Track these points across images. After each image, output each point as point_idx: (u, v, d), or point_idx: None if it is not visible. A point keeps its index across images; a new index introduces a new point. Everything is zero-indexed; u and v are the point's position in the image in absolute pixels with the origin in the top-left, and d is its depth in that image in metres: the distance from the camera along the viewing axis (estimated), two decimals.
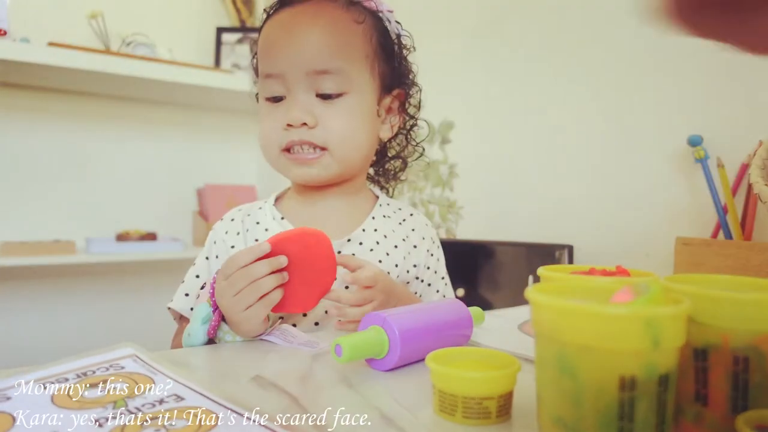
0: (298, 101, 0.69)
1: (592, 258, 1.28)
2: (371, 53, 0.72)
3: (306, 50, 0.67)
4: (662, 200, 1.18)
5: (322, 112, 0.69)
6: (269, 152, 0.72)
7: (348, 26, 0.70)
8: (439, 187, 1.70)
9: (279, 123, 0.69)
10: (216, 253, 0.73)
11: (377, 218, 0.77)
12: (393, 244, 0.75)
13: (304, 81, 0.68)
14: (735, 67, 1.07)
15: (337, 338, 0.46)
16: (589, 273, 0.42)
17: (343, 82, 0.69)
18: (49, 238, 1.71)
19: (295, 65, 0.68)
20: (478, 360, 0.42)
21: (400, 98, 0.79)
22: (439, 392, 0.39)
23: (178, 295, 0.72)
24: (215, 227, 0.76)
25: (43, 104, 1.75)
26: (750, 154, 1.01)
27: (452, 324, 0.55)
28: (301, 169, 0.70)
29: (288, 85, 0.69)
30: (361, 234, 0.74)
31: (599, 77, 1.30)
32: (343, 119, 0.69)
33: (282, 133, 0.69)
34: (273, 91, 0.70)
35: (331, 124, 0.69)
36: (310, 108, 0.68)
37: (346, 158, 0.71)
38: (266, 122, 0.72)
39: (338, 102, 0.69)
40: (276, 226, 0.73)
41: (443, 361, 0.40)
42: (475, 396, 0.37)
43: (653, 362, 0.28)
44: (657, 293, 0.29)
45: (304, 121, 0.68)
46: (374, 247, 0.73)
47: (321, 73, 0.68)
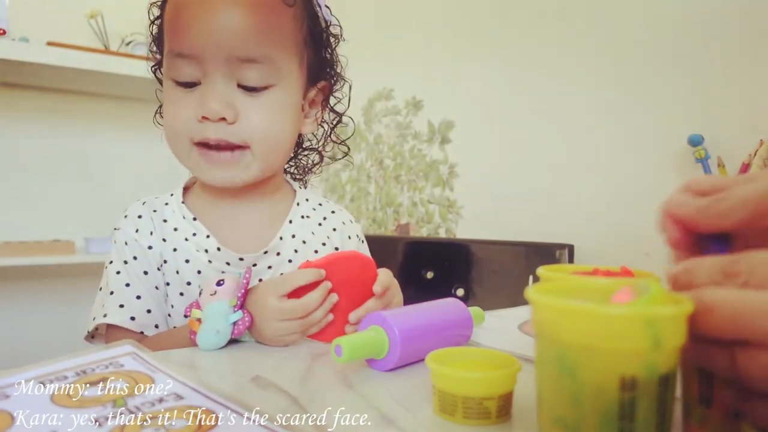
0: (217, 91, 0.59)
1: (592, 258, 1.28)
2: (301, 41, 0.64)
3: (228, 32, 0.58)
4: (662, 200, 1.18)
5: (243, 104, 0.60)
6: (178, 145, 0.63)
7: (278, 8, 0.61)
8: (439, 187, 1.70)
9: (191, 113, 0.60)
10: (132, 255, 0.65)
11: (294, 221, 0.71)
12: (313, 249, 0.71)
13: (224, 67, 0.59)
14: (735, 67, 1.07)
15: (337, 338, 0.46)
16: (593, 273, 0.42)
17: (270, 74, 0.61)
18: (49, 238, 1.71)
19: (215, 48, 0.58)
20: (478, 360, 0.42)
21: (324, 91, 0.72)
22: (439, 392, 0.39)
23: (111, 308, 0.63)
24: (120, 226, 0.67)
25: (43, 104, 1.74)
26: (750, 153, 1.01)
27: (452, 324, 0.55)
28: (217, 171, 0.62)
29: (204, 68, 0.59)
30: (279, 243, 0.68)
31: (599, 77, 1.30)
32: (268, 115, 0.61)
33: (195, 126, 0.60)
34: (184, 74, 0.60)
35: (254, 120, 0.61)
36: (231, 99, 0.60)
37: (268, 158, 0.64)
38: (175, 110, 0.62)
39: (263, 95, 0.61)
40: (187, 227, 0.66)
41: (443, 361, 0.40)
42: (475, 396, 0.37)
43: (654, 362, 0.28)
44: (657, 293, 0.29)
45: (223, 116, 0.59)
46: (293, 257, 0.69)
47: (245, 62, 0.59)
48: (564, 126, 1.37)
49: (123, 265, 0.66)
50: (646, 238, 1.20)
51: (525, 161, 1.46)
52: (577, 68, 1.34)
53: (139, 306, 0.64)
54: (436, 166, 1.70)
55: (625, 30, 1.25)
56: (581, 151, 1.33)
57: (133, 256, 0.66)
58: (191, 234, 0.66)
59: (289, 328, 0.54)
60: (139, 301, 0.64)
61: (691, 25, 1.14)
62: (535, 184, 1.43)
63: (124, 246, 0.66)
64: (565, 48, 1.37)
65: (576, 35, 1.34)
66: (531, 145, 1.45)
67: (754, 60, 1.05)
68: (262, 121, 0.61)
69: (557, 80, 1.38)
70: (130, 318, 0.63)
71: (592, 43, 1.31)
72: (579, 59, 1.34)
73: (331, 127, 0.77)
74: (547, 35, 1.41)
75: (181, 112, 0.61)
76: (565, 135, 1.37)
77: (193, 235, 0.66)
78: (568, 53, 1.36)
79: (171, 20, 0.61)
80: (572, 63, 1.35)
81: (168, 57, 0.62)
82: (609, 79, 1.28)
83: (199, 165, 0.63)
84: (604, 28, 1.29)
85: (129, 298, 0.64)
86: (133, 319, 0.63)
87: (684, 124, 1.13)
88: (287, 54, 0.63)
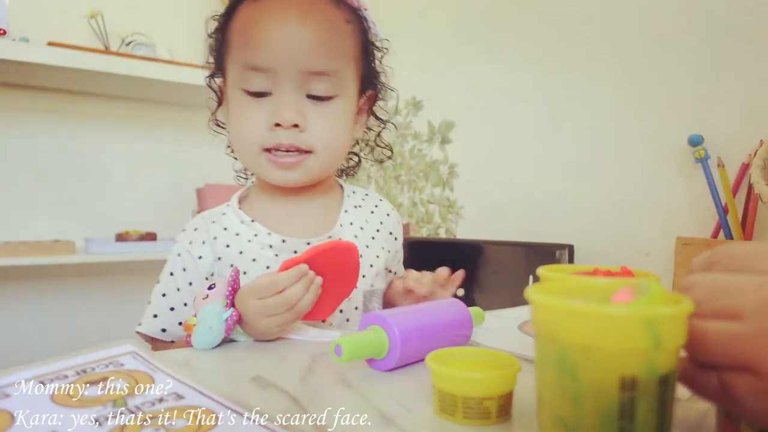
0: (289, 101, 0.65)
1: (592, 258, 1.28)
2: (358, 54, 0.71)
3: (302, 47, 0.64)
4: (662, 200, 1.18)
5: (311, 113, 0.66)
6: (247, 152, 0.68)
7: (340, 26, 0.68)
8: (439, 187, 1.70)
9: (263, 121, 0.66)
10: (182, 266, 0.70)
11: (350, 211, 0.76)
12: (370, 236, 0.75)
13: (296, 79, 0.65)
14: (735, 67, 1.07)
15: (337, 338, 0.46)
16: (593, 273, 0.42)
17: (335, 85, 0.67)
18: (49, 238, 1.71)
19: (289, 62, 0.64)
20: (478, 360, 0.42)
21: (371, 99, 0.78)
22: (439, 392, 0.39)
23: (146, 318, 0.69)
24: (178, 239, 0.73)
25: (43, 104, 1.74)
26: (750, 153, 1.01)
27: (452, 324, 0.55)
28: (283, 172, 0.68)
29: (277, 80, 0.65)
30: (339, 230, 0.73)
31: (599, 77, 1.30)
32: (331, 123, 0.67)
33: (266, 133, 0.66)
34: (258, 85, 0.66)
35: (319, 128, 0.66)
36: (301, 109, 0.66)
37: (330, 162, 0.70)
38: (247, 119, 0.67)
39: (328, 105, 0.67)
40: (247, 230, 0.71)
41: (443, 361, 0.40)
42: (475, 396, 0.37)
43: (654, 362, 0.28)
44: (657, 293, 0.29)
45: (296, 123, 0.65)
46: (354, 241, 0.72)
47: (315, 74, 0.65)
48: (564, 126, 1.37)
49: (168, 276, 0.70)
50: (646, 238, 1.20)
51: (525, 161, 1.46)
52: (578, 68, 1.34)
53: (172, 317, 0.68)
54: (436, 166, 1.70)
55: (625, 30, 1.25)
56: (581, 151, 1.34)
57: (183, 268, 0.70)
58: (252, 235, 0.70)
59: (278, 321, 0.56)
60: (173, 312, 0.68)
61: (691, 25, 1.14)
62: (535, 184, 1.43)
63: (176, 257, 0.71)
64: (565, 48, 1.37)
65: (576, 36, 1.34)
66: (531, 145, 1.45)
67: (754, 60, 1.05)
68: (326, 129, 0.67)
69: (557, 80, 1.38)
70: (161, 330, 0.68)
71: (592, 44, 1.31)
72: (579, 59, 1.34)
73: (376, 133, 0.82)
74: (547, 36, 1.41)
75: (252, 121, 0.66)
76: (566, 135, 1.37)
77: (254, 236, 0.70)
78: (568, 53, 1.36)
79: (243, 36, 0.66)
80: (572, 63, 1.35)
81: (240, 69, 0.67)
82: (609, 79, 1.28)
83: (266, 168, 0.68)
84: (604, 28, 1.29)
85: (163, 310, 0.69)
86: (164, 331, 0.68)
87: (684, 124, 1.13)
88: (347, 66, 0.69)
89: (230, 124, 0.71)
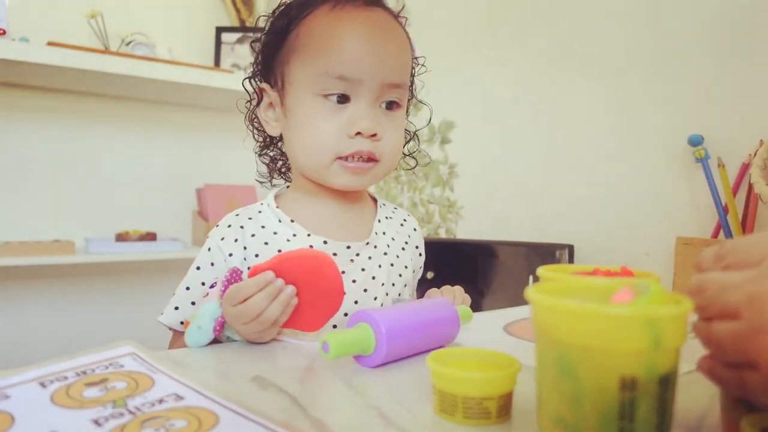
0: (369, 111, 0.67)
1: (592, 258, 1.28)
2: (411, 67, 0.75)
3: (389, 62, 0.67)
4: (662, 200, 1.18)
5: (384, 123, 0.68)
6: (321, 157, 0.68)
7: (407, 40, 0.72)
8: (439, 187, 1.70)
9: (342, 129, 0.66)
10: (211, 261, 0.70)
11: (382, 221, 0.77)
12: (400, 246, 0.77)
13: (377, 90, 0.67)
14: (735, 67, 1.07)
15: (326, 335, 0.47)
16: (593, 273, 0.42)
17: (403, 96, 0.71)
18: (49, 238, 1.71)
19: (377, 75, 0.66)
20: (479, 360, 0.43)
21: None
22: (439, 392, 0.39)
23: (168, 309, 0.70)
24: (211, 234, 0.73)
25: (43, 104, 1.74)
26: (750, 153, 1.01)
27: (438, 322, 0.56)
28: (352, 177, 0.69)
29: (357, 90, 0.66)
30: (375, 238, 0.74)
31: (599, 77, 1.30)
32: (397, 132, 0.71)
33: (344, 140, 0.66)
34: (339, 89, 0.66)
35: (389, 137, 0.69)
36: (379, 119, 0.68)
37: (389, 169, 0.72)
38: (325, 125, 0.67)
39: (395, 114, 0.70)
40: (285, 229, 0.71)
41: (443, 361, 0.40)
42: (476, 396, 0.37)
43: (654, 362, 0.28)
44: (657, 293, 0.29)
45: (375, 132, 0.66)
46: (387, 250, 0.74)
47: (393, 87, 0.68)
48: (564, 126, 1.37)
49: (194, 270, 0.70)
50: (647, 238, 1.20)
51: (525, 161, 1.46)
52: (578, 68, 1.34)
53: (193, 311, 0.68)
54: (436, 166, 1.70)
55: (625, 30, 1.25)
56: (581, 151, 1.34)
57: (211, 263, 0.70)
58: (291, 235, 0.70)
59: (252, 328, 0.56)
60: (193, 307, 0.68)
61: (691, 25, 1.14)
62: (535, 184, 1.43)
63: (207, 252, 0.71)
64: (565, 48, 1.37)
65: (576, 35, 1.34)
66: (531, 145, 1.45)
67: (754, 60, 1.05)
68: (393, 138, 0.70)
69: (557, 80, 1.38)
70: (180, 322, 0.68)
71: (592, 44, 1.31)
72: (579, 59, 1.34)
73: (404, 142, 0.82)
74: (547, 35, 1.41)
75: (332, 127, 0.67)
76: (566, 135, 1.37)
77: (293, 236, 0.70)
78: (568, 53, 1.36)
79: (324, 44, 0.67)
80: (572, 63, 1.35)
81: (319, 76, 0.67)
82: (609, 79, 1.28)
83: (337, 173, 0.68)
84: (604, 28, 1.29)
85: (184, 302, 0.69)
86: (183, 323, 0.68)
87: (684, 124, 1.13)
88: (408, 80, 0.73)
89: (297, 128, 0.70)
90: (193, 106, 1.98)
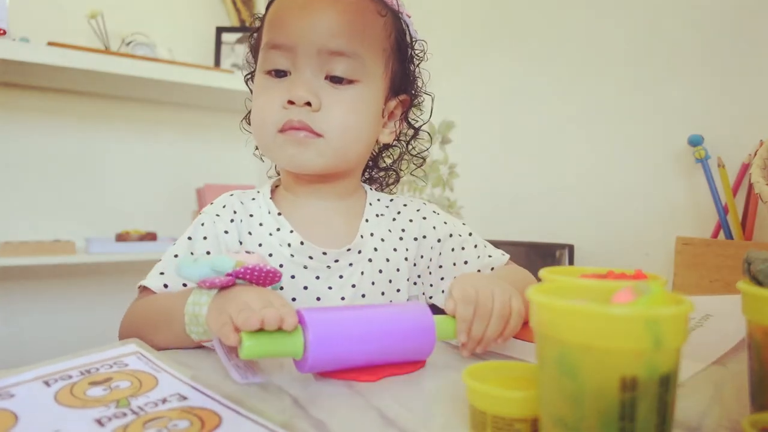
0: (305, 79, 0.63)
1: (592, 258, 1.28)
2: (388, 48, 0.69)
3: (323, 25, 0.63)
4: (662, 200, 1.18)
5: (327, 96, 0.64)
6: (263, 132, 0.66)
7: (371, 15, 0.67)
8: (439, 187, 1.70)
9: (278, 100, 0.64)
10: (203, 235, 0.68)
11: (371, 220, 0.73)
12: (392, 247, 0.72)
13: (315, 59, 0.63)
14: (735, 67, 1.08)
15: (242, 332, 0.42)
16: (606, 276, 0.42)
17: (356, 69, 0.65)
18: (49, 238, 1.71)
19: (309, 39, 0.63)
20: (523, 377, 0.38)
21: (404, 104, 0.75)
22: (471, 407, 0.36)
23: (153, 273, 0.66)
24: (205, 210, 0.71)
25: (43, 104, 1.75)
26: (750, 153, 1.01)
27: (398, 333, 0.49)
28: (296, 149, 0.64)
29: (296, 60, 0.64)
30: (360, 241, 0.70)
31: (599, 77, 1.30)
32: (348, 108, 0.65)
33: (280, 112, 0.64)
34: (277, 63, 0.64)
35: (335, 111, 0.64)
36: (317, 89, 0.64)
37: (344, 149, 0.66)
38: (263, 98, 0.65)
39: (347, 89, 0.65)
40: (271, 222, 0.69)
41: (481, 375, 0.37)
42: (506, 416, 0.34)
43: (654, 362, 0.28)
44: (658, 293, 0.29)
45: (308, 101, 0.62)
46: (373, 255, 0.70)
47: (335, 54, 0.63)
48: (564, 126, 1.37)
49: (185, 240, 0.68)
50: (646, 238, 1.20)
51: (525, 161, 1.46)
52: (577, 69, 1.34)
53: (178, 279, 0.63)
54: (436, 166, 1.70)
55: (624, 31, 1.25)
56: (581, 151, 1.34)
57: (204, 236, 0.68)
58: (275, 229, 0.69)
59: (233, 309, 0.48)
60: None
61: (691, 26, 1.14)
62: (535, 184, 1.43)
63: (199, 226, 0.69)
64: (565, 48, 1.37)
65: (576, 36, 1.34)
66: (531, 145, 1.45)
67: (754, 60, 1.05)
68: (342, 114, 0.64)
69: (557, 81, 1.39)
70: (164, 285, 0.65)
71: (592, 44, 1.31)
72: (579, 60, 1.34)
73: (406, 141, 0.79)
74: (547, 36, 1.41)
75: (267, 99, 0.65)
76: (565, 135, 1.37)
77: (276, 230, 0.68)
78: (568, 54, 1.36)
79: (271, 20, 0.66)
80: (572, 63, 1.35)
81: (263, 51, 0.66)
82: (609, 79, 1.28)
83: (281, 146, 0.65)
84: (604, 28, 1.29)
85: (171, 269, 0.66)
86: (166, 287, 0.64)
87: (684, 124, 1.13)
88: (373, 56, 0.67)
89: (252, 107, 0.69)
90: (193, 106, 1.98)
